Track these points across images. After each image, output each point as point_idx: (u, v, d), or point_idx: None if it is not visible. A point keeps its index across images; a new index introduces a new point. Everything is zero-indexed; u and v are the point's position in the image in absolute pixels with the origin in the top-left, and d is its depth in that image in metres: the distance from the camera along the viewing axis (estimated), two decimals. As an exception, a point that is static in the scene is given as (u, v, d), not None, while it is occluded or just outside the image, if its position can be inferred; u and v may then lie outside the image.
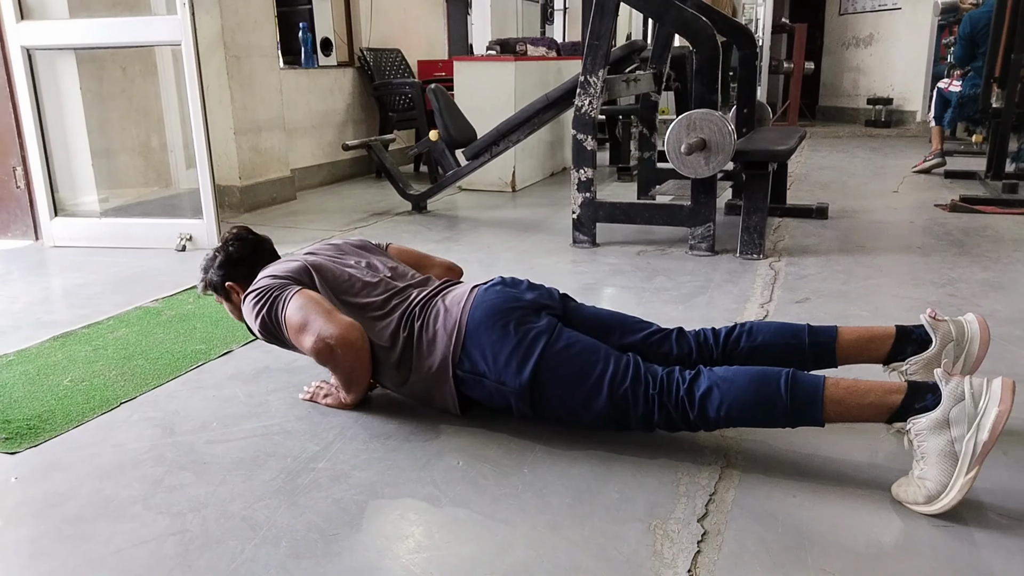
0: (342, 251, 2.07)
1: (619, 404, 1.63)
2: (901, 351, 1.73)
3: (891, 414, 1.48)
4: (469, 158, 4.28)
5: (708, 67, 3.38)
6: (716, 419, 1.57)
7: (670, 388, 1.61)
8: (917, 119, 8.67)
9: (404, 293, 1.91)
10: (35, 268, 3.44)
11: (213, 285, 2.07)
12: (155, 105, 4.38)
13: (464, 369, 1.75)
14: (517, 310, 1.74)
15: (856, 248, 3.49)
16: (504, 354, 1.69)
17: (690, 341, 1.83)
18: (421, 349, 1.80)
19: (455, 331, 1.76)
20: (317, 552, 1.37)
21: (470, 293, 1.81)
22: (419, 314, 1.83)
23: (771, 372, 1.56)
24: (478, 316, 1.74)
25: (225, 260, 2.05)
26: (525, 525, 1.44)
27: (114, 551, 1.38)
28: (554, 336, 1.70)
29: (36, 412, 1.95)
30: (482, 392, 1.76)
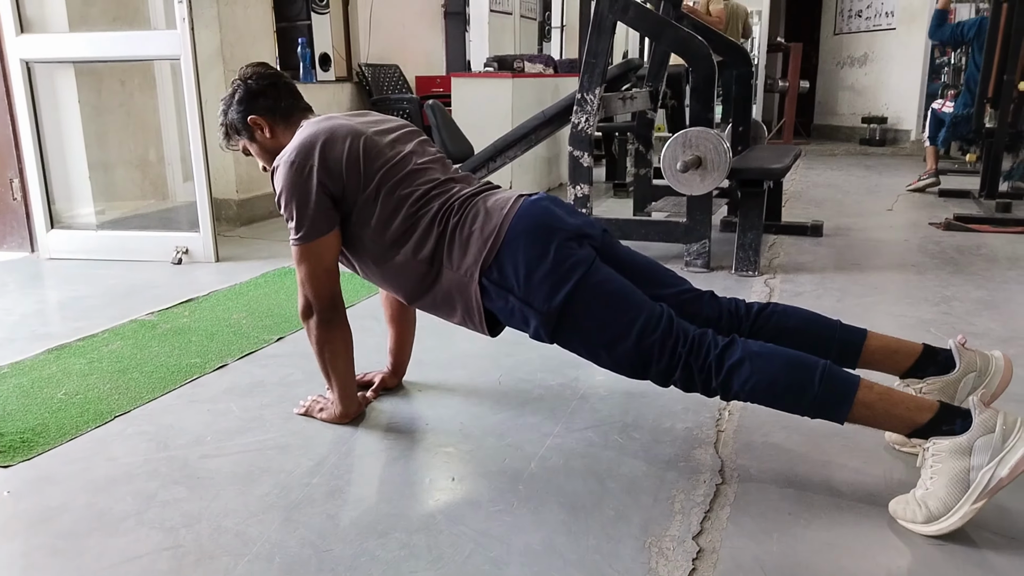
0: (397, 127, 1.92)
1: (644, 353, 1.58)
2: (922, 369, 1.71)
3: (914, 430, 1.47)
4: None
5: (704, 86, 3.40)
6: (738, 392, 1.54)
7: (700, 349, 1.57)
8: (911, 138, 8.73)
9: (445, 185, 1.79)
10: (30, 280, 3.43)
11: (234, 126, 1.91)
12: (153, 118, 4.39)
13: (491, 279, 1.65)
14: (560, 231, 1.64)
15: (851, 266, 3.51)
16: (538, 274, 1.61)
17: (721, 307, 1.78)
18: (453, 249, 1.69)
19: (492, 236, 1.65)
20: (311, 569, 1.36)
21: (515, 201, 1.71)
22: (457, 210, 1.72)
23: (808, 360, 1.52)
24: (520, 227, 1.65)
25: (245, 93, 1.88)
26: (520, 542, 1.43)
27: (107, 566, 1.37)
28: (592, 268, 1.63)
29: (29, 425, 1.94)
30: (503, 307, 1.66)
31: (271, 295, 3.09)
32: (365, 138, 1.78)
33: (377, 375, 2.15)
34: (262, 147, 1.92)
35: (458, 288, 1.70)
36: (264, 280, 3.33)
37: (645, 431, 1.88)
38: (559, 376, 2.21)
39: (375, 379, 2.13)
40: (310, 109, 1.98)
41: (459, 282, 1.69)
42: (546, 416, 1.97)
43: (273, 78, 1.92)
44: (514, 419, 1.96)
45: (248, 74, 1.91)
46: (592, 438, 1.84)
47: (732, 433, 1.86)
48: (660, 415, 1.95)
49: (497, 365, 2.31)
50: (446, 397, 2.11)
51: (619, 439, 1.84)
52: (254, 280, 3.33)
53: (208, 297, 3.08)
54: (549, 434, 1.86)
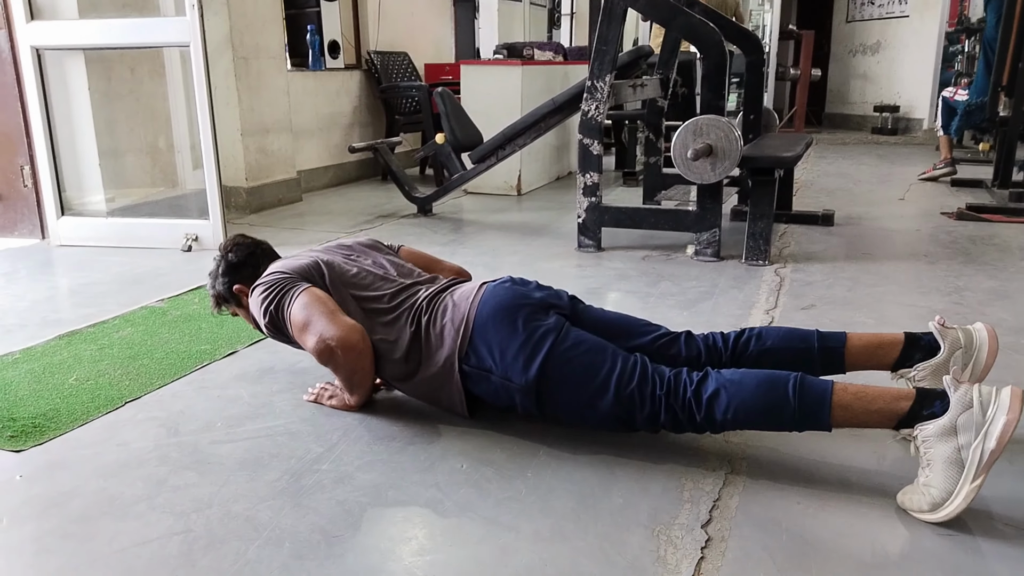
0: (353, 249, 2.08)
1: (625, 404, 1.62)
2: (909, 357, 1.73)
3: (899, 420, 1.48)
4: (475, 161, 4.29)
5: (715, 73, 3.38)
6: (723, 422, 1.57)
7: (677, 389, 1.60)
8: (924, 127, 8.66)
9: (412, 289, 1.91)
10: (41, 267, 3.45)
11: (222, 296, 2.08)
12: (163, 106, 4.39)
13: (470, 364, 1.75)
14: (526, 307, 1.73)
15: (862, 255, 3.49)
16: (512, 350, 1.69)
17: (699, 344, 1.82)
18: (429, 343, 1.79)
19: (463, 325, 1.75)
20: (320, 554, 1.37)
21: (479, 289, 1.81)
22: (427, 308, 1.83)
23: (779, 376, 1.55)
24: (487, 311, 1.74)
25: (227, 267, 2.06)
26: (528, 529, 1.43)
27: (117, 550, 1.38)
28: (562, 334, 1.69)
29: (41, 410, 1.95)
30: (488, 388, 1.75)
31: (280, 282, 3.10)
32: (324, 258, 1.94)
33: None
34: (249, 311, 2.02)
35: (441, 379, 1.80)
36: (273, 267, 3.33)
37: (654, 420, 1.87)
38: (568, 364, 2.21)
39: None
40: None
41: (440, 374, 1.79)
42: (555, 404, 1.97)
43: (251, 248, 2.10)
44: (523, 407, 1.96)
45: (228, 247, 2.09)
46: (601, 426, 1.84)
47: (741, 422, 1.86)
48: (669, 404, 1.95)
49: (506, 353, 2.30)
50: (455, 385, 2.11)
51: (628, 427, 1.84)
52: (263, 267, 3.33)
53: (218, 284, 3.08)
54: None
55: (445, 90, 4.45)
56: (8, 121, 3.81)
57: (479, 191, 5.36)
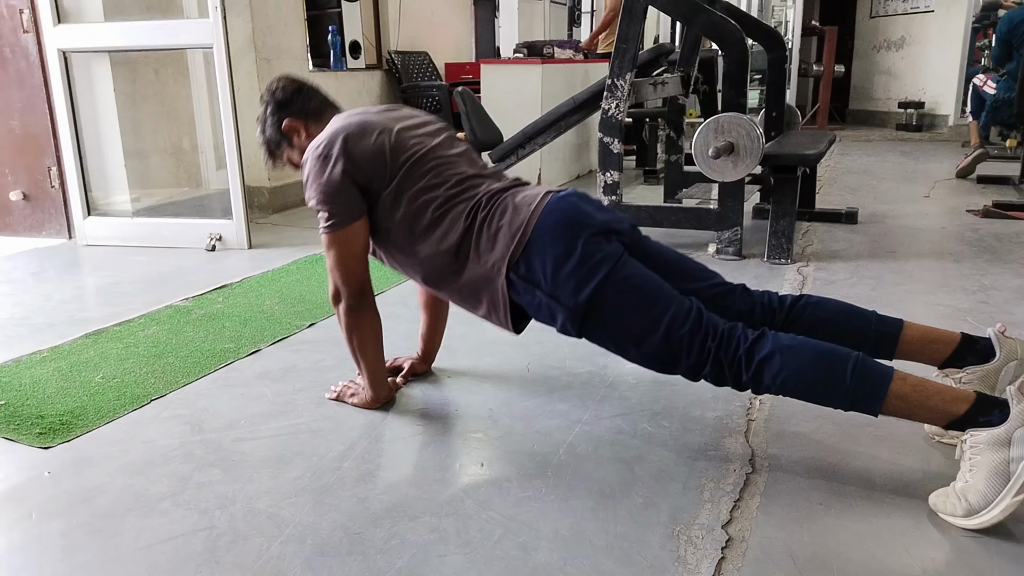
0: (426, 123, 1.91)
1: (673, 347, 1.58)
2: (961, 358, 1.68)
3: (951, 421, 1.45)
4: (495, 160, 4.29)
5: (737, 70, 3.35)
6: (768, 386, 1.53)
7: (730, 344, 1.55)
8: (949, 123, 8.54)
9: (474, 180, 1.79)
10: (68, 266, 3.50)
11: (274, 140, 1.96)
12: (187, 107, 4.44)
13: (519, 273, 1.65)
14: (588, 227, 1.64)
15: (886, 254, 3.45)
16: (566, 269, 1.60)
17: (753, 300, 1.76)
18: (480, 243, 1.70)
19: (520, 231, 1.65)
20: (342, 551, 1.38)
21: (543, 197, 1.71)
22: (485, 204, 1.73)
23: (840, 352, 1.50)
24: (548, 222, 1.65)
25: (275, 104, 1.94)
26: (548, 528, 1.44)
27: (143, 546, 1.40)
28: (620, 263, 1.62)
29: (68, 408, 1.98)
30: (531, 301, 1.67)
31: (303, 282, 3.13)
32: (392, 132, 1.80)
33: (407, 361, 2.17)
34: (302, 150, 1.92)
35: (485, 281, 1.71)
36: (296, 267, 3.37)
37: (675, 419, 1.87)
38: (588, 364, 2.21)
39: (405, 365, 2.15)
40: (339, 107, 2.01)
41: (486, 276, 1.70)
42: (575, 403, 1.97)
43: (298, 83, 1.99)
44: (543, 406, 1.96)
45: (273, 87, 1.98)
46: (621, 426, 1.84)
47: (763, 422, 1.85)
48: (690, 404, 1.95)
49: (526, 353, 2.31)
50: (475, 383, 2.12)
51: (648, 427, 1.83)
52: (286, 267, 3.37)
53: (241, 283, 3.12)
54: (578, 421, 1.87)
55: (465, 89, 4.46)
56: (36, 123, 3.87)
57: (499, 190, 5.35)
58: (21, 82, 3.83)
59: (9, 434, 1.85)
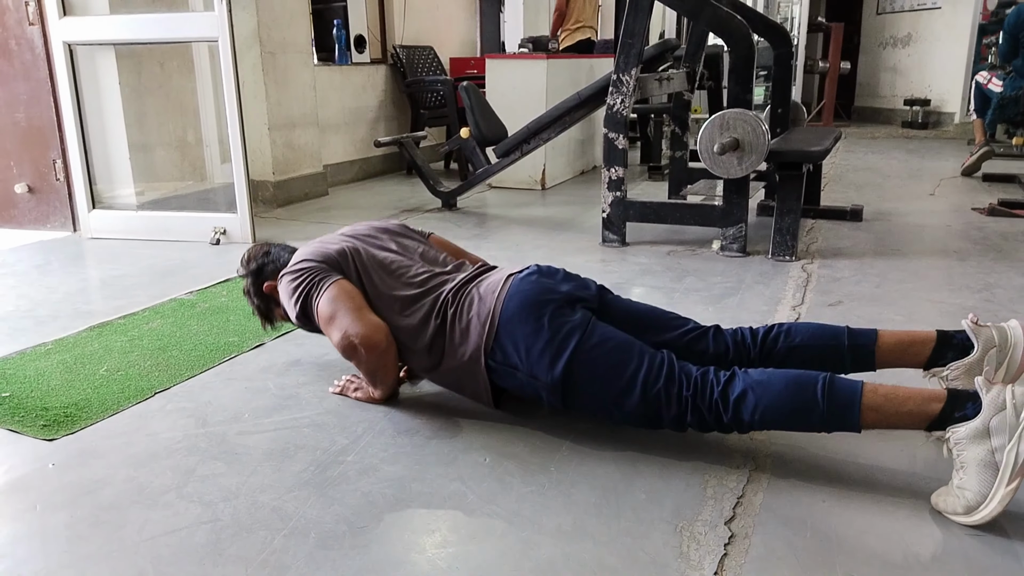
0: (381, 232, 2.08)
1: (652, 403, 1.62)
2: (942, 356, 1.69)
3: (930, 422, 1.46)
4: (500, 156, 4.29)
5: (743, 66, 3.35)
6: (750, 423, 1.55)
7: (704, 390, 1.59)
8: (955, 121, 8.51)
9: (439, 278, 1.91)
10: (73, 259, 3.51)
11: (263, 307, 2.11)
12: (191, 100, 4.44)
13: (496, 360, 1.75)
14: (551, 302, 1.72)
15: (891, 251, 3.44)
16: (537, 348, 1.68)
17: (727, 340, 1.80)
18: (454, 337, 1.80)
19: (488, 321, 1.75)
20: (345, 544, 1.38)
21: (505, 282, 1.80)
22: (452, 301, 1.83)
23: (808, 377, 1.53)
24: (512, 307, 1.73)
25: (252, 275, 2.09)
26: (551, 523, 1.44)
27: (147, 538, 1.41)
28: (588, 331, 1.68)
29: (73, 400, 1.99)
30: (514, 383, 1.76)
31: (306, 276, 3.12)
32: (352, 244, 1.96)
33: (411, 356, 2.18)
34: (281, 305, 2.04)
35: (464, 373, 1.81)
36: (299, 261, 3.37)
37: (678, 415, 1.87)
38: (592, 359, 2.21)
39: (408, 360, 2.16)
40: None
41: (465, 368, 1.80)
42: (578, 399, 1.97)
43: (264, 248, 2.14)
44: (546, 401, 1.96)
45: (245, 259, 2.13)
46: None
47: (766, 419, 1.84)
48: (693, 400, 1.94)
49: (530, 347, 2.31)
50: (479, 379, 2.12)
51: (651, 423, 1.83)
52: (290, 261, 3.37)
53: (245, 277, 3.12)
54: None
55: (470, 84, 4.45)
56: (41, 115, 3.88)
57: (503, 185, 5.36)
58: (26, 75, 3.84)
59: (14, 426, 1.85)
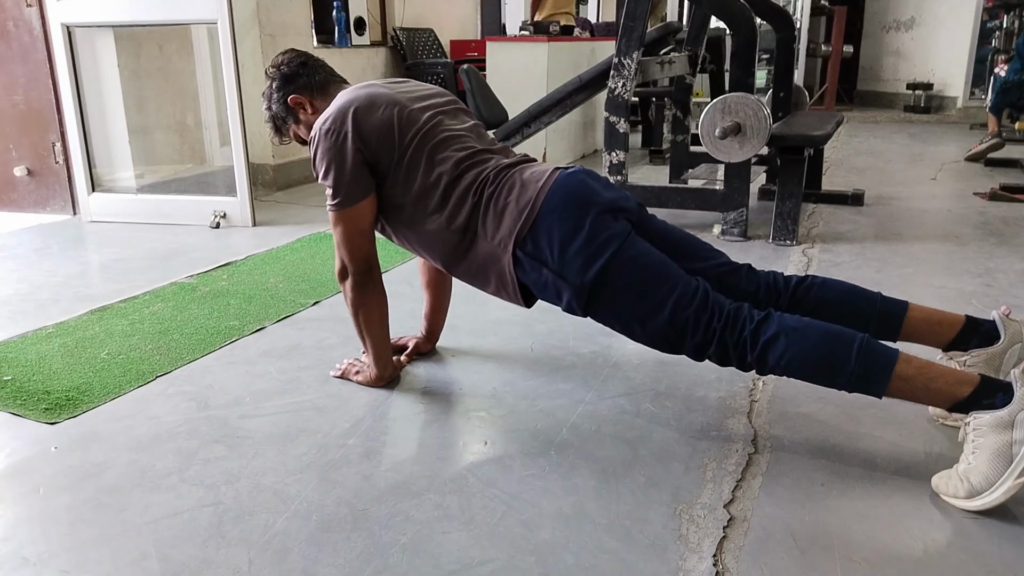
0: (435, 95, 1.91)
1: (679, 327, 1.58)
2: (965, 341, 1.68)
3: (954, 404, 1.45)
4: (500, 139, 4.27)
5: (745, 50, 3.33)
6: (773, 367, 1.53)
7: (735, 324, 1.56)
8: (958, 105, 8.47)
9: (482, 155, 1.78)
10: (73, 242, 3.50)
11: (280, 115, 1.95)
12: (191, 83, 4.42)
13: (526, 251, 1.65)
14: (595, 205, 1.64)
15: (892, 236, 3.44)
16: (573, 247, 1.60)
17: (759, 280, 1.77)
18: (487, 219, 1.69)
19: (528, 208, 1.65)
20: (347, 527, 1.39)
21: (551, 173, 1.70)
22: (492, 180, 1.72)
23: (846, 333, 1.50)
24: (555, 200, 1.64)
25: (281, 79, 1.92)
26: (551, 506, 1.45)
27: (150, 520, 1.42)
28: (627, 242, 1.62)
29: (74, 384, 1.99)
30: (537, 279, 1.67)
31: (307, 260, 3.13)
32: (400, 106, 1.78)
33: (412, 340, 2.17)
34: (308, 126, 1.92)
35: (492, 259, 1.71)
36: (300, 245, 3.37)
37: (678, 400, 1.88)
38: (592, 344, 2.21)
39: (410, 344, 2.16)
40: (345, 81, 2.00)
41: (493, 253, 1.70)
42: (578, 383, 1.98)
43: (303, 57, 1.96)
44: (546, 385, 1.97)
45: (278, 61, 1.95)
46: (624, 406, 1.85)
47: (766, 403, 1.85)
48: (693, 384, 1.95)
49: (530, 332, 2.31)
50: (479, 363, 2.12)
51: (651, 407, 1.84)
52: (290, 245, 3.37)
53: (245, 261, 3.12)
54: (581, 401, 1.87)
55: (471, 67, 4.43)
56: (40, 98, 3.86)
57: (504, 169, 5.34)
58: (24, 56, 3.82)
59: (16, 409, 1.86)
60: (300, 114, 1.93)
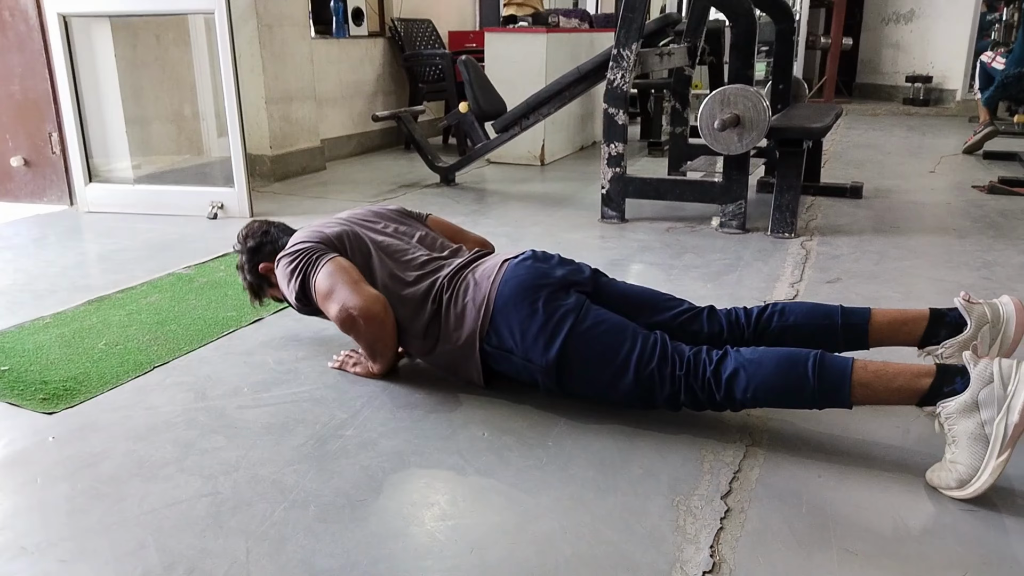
0: (379, 217, 2.09)
1: (645, 384, 1.63)
2: (935, 334, 1.71)
3: (920, 398, 1.47)
4: (498, 131, 4.27)
5: (744, 41, 3.32)
6: (743, 401, 1.57)
7: (696, 369, 1.60)
8: (957, 98, 8.47)
9: (435, 263, 1.92)
10: (70, 233, 3.50)
11: (256, 284, 2.12)
12: (188, 73, 4.40)
13: (492, 344, 1.77)
14: (546, 287, 1.74)
15: (890, 229, 3.44)
16: (532, 332, 1.70)
17: (721, 320, 1.82)
18: (449, 322, 1.81)
19: (483, 306, 1.76)
20: (344, 517, 1.39)
21: (500, 267, 1.81)
22: (448, 286, 1.84)
23: (799, 354, 1.55)
24: (507, 292, 1.75)
25: (248, 253, 2.10)
26: (548, 497, 1.45)
27: (148, 510, 1.42)
28: (582, 314, 1.69)
29: (72, 374, 1.99)
30: (509, 367, 1.78)
31: (304, 251, 3.12)
32: (349, 228, 1.97)
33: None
34: (278, 287, 2.04)
35: (460, 359, 1.83)
36: (297, 236, 3.36)
37: (675, 391, 1.88)
38: (590, 335, 2.21)
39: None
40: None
41: (460, 354, 1.81)
42: (576, 374, 1.98)
43: (264, 226, 2.13)
44: (544, 377, 1.97)
45: (242, 235, 2.12)
46: (622, 397, 1.85)
47: (763, 395, 1.85)
48: (691, 376, 1.95)
49: (528, 323, 2.31)
50: (477, 354, 2.12)
51: (649, 399, 1.84)
52: (288, 236, 3.36)
53: (243, 252, 3.11)
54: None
55: (469, 58, 4.42)
56: (36, 88, 3.85)
57: (502, 161, 5.34)
58: (21, 46, 3.80)
59: (13, 399, 1.86)
60: (272, 278, 2.06)
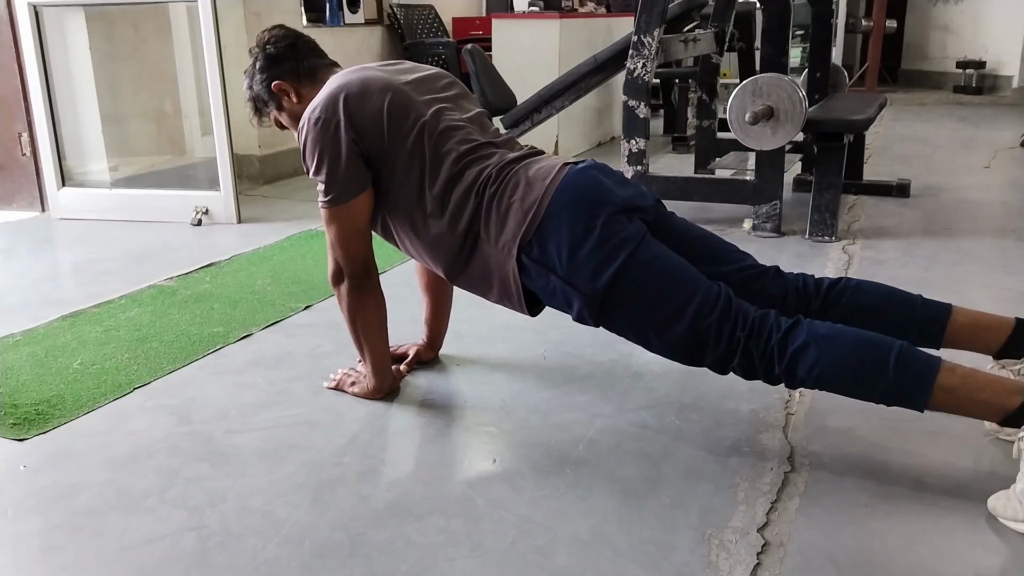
0: (432, 79, 1.90)
1: (700, 337, 1.58)
2: (1018, 346, 1.67)
3: (1005, 417, 1.45)
4: (508, 126, 4.28)
5: (777, 25, 3.33)
6: (803, 379, 1.54)
7: (761, 333, 1.56)
8: (1013, 85, 8.44)
9: (484, 150, 1.77)
10: (42, 242, 3.53)
11: (260, 98, 1.94)
12: (169, 67, 4.44)
13: (531, 256, 1.65)
14: (607, 205, 1.64)
15: (941, 231, 3.43)
16: (583, 252, 1.60)
17: (787, 284, 1.76)
18: (489, 222, 1.69)
19: (533, 210, 1.65)
20: (343, 552, 1.40)
21: (559, 169, 1.69)
22: (495, 179, 1.71)
23: (882, 340, 1.50)
24: (563, 200, 1.64)
25: (266, 60, 1.91)
26: (567, 530, 1.45)
27: (128, 546, 1.43)
28: (642, 245, 1.62)
29: (44, 396, 2.01)
30: (544, 286, 1.67)
31: (297, 260, 3.14)
32: (396, 92, 1.78)
33: (412, 347, 2.18)
34: (292, 115, 1.92)
35: (495, 264, 1.71)
36: (289, 244, 3.38)
37: (706, 413, 1.88)
38: (610, 351, 2.21)
39: (410, 352, 2.16)
40: (336, 64, 2.00)
41: (496, 258, 1.70)
42: (595, 395, 1.98)
43: (292, 38, 1.95)
44: (560, 398, 1.97)
45: (264, 39, 1.94)
46: (647, 420, 1.85)
47: (803, 416, 1.85)
48: (722, 396, 1.95)
49: (542, 339, 2.32)
50: (486, 372, 2.13)
51: (676, 421, 1.84)
52: (279, 243, 3.38)
53: (230, 261, 3.14)
54: (599, 415, 1.87)
55: (475, 47, 4.44)
56: (4, 84, 3.89)
57: (512, 159, 5.34)
58: (-12, 39, 3.85)
59: (-19, 424, 1.87)
60: (283, 101, 1.93)
